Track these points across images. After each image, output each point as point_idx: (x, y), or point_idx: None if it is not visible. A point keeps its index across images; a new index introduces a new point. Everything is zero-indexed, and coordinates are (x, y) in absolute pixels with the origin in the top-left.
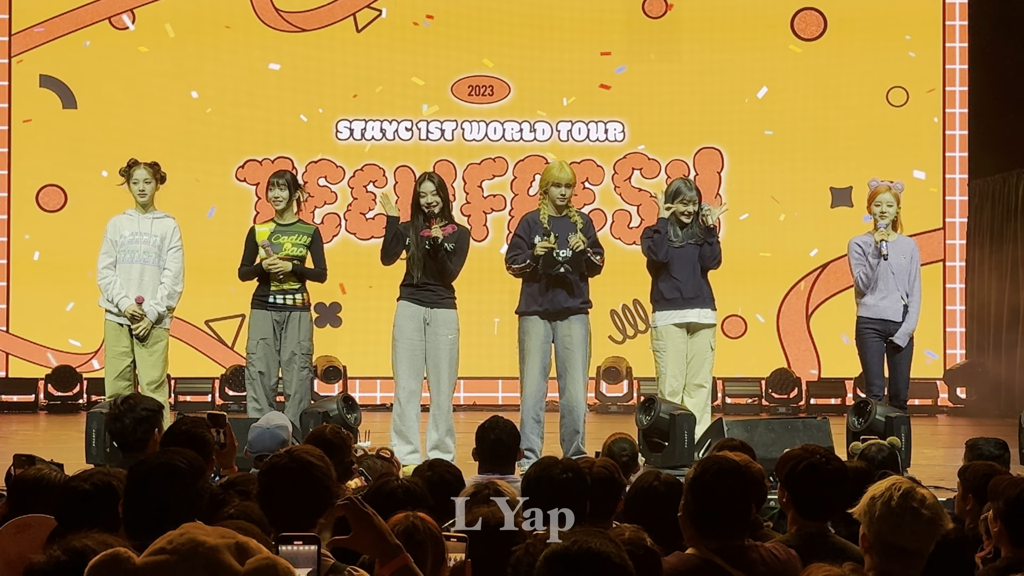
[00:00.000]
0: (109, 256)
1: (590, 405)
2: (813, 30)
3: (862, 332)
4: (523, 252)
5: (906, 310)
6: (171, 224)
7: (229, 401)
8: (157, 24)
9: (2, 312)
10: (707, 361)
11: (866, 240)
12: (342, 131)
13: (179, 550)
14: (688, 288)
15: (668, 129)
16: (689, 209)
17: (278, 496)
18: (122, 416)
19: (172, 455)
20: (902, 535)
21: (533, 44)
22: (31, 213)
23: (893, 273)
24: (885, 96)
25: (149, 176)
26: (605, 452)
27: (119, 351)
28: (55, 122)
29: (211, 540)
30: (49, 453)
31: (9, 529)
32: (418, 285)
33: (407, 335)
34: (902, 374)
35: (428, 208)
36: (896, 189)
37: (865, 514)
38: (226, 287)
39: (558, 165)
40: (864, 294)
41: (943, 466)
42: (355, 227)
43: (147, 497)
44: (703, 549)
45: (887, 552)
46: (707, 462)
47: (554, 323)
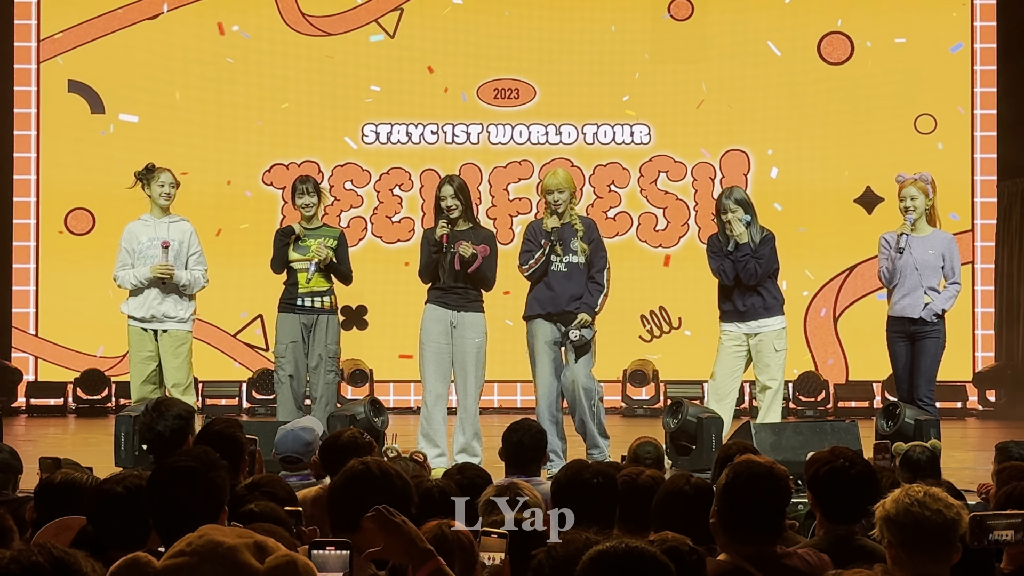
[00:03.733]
0: (125, 266)
1: (617, 408)
2: (840, 54)
3: (888, 335)
4: (533, 253)
5: (935, 295)
6: (188, 228)
7: (256, 404)
8: (184, 29)
9: (32, 316)
10: (773, 362)
11: (892, 235)
12: (368, 134)
13: (199, 551)
14: (740, 302)
15: (694, 131)
16: (737, 216)
17: (354, 501)
18: (154, 424)
19: (181, 457)
20: (924, 540)
21: (558, 47)
22: (58, 219)
23: (917, 269)
24: (913, 122)
25: (174, 180)
26: (630, 456)
27: (144, 356)
28: (83, 127)
29: (229, 540)
30: (78, 456)
31: (50, 530)
32: (445, 288)
33: (434, 338)
34: (920, 371)
35: (448, 212)
36: (923, 181)
37: (885, 522)
38: (249, 290)
39: (551, 171)
40: (890, 290)
41: (973, 469)
42: (381, 230)
43: (167, 503)
44: (735, 556)
45: (912, 558)
46: (739, 467)
47: (559, 324)
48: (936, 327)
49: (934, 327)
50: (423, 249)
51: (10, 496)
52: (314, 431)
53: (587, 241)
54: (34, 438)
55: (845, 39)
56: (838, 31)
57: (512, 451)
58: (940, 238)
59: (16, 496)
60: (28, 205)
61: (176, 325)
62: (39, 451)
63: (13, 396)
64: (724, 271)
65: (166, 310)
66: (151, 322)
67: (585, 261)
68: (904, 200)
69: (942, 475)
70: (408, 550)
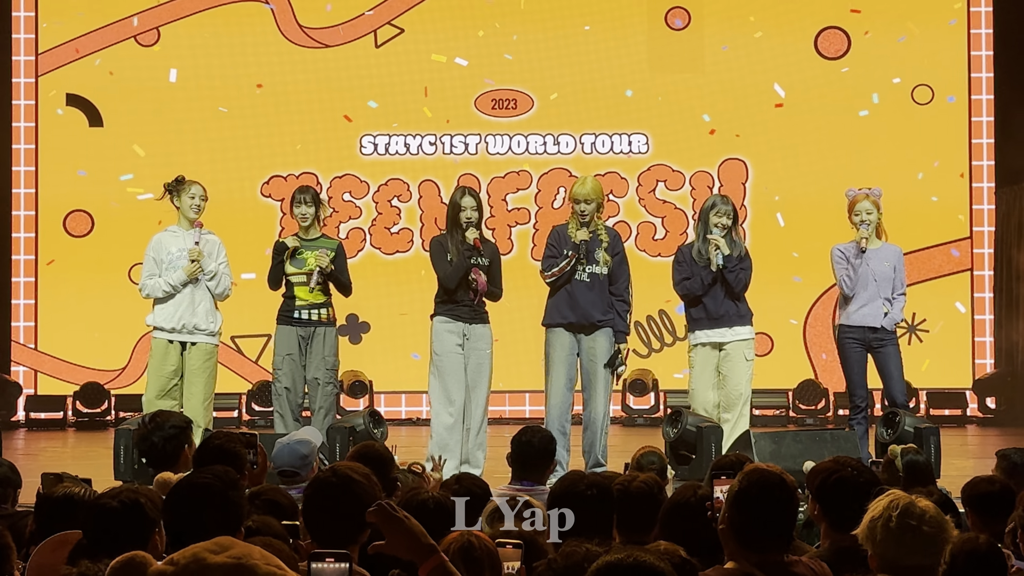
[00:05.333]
0: (152, 275)
1: (616, 418)
2: (837, 48)
3: (843, 342)
4: (557, 259)
5: (890, 306)
6: (216, 240)
7: (255, 417)
8: (181, 41)
9: (31, 330)
10: (741, 375)
11: (847, 246)
12: (366, 146)
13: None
14: (713, 308)
15: (692, 141)
16: (723, 221)
17: (322, 512)
18: (150, 435)
19: (200, 474)
20: (906, 554)
21: (556, 57)
22: (58, 231)
23: (875, 280)
24: (910, 93)
25: (204, 193)
26: (633, 465)
27: (166, 370)
28: (81, 140)
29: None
30: (77, 470)
31: (48, 545)
32: (457, 301)
33: (451, 350)
34: (893, 378)
35: (467, 223)
36: (874, 196)
37: (867, 538)
38: (252, 304)
39: (580, 180)
40: (848, 299)
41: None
42: (380, 242)
43: (184, 519)
44: (744, 564)
45: (896, 571)
46: (751, 475)
47: (579, 336)
48: (894, 335)
49: (892, 335)
50: (461, 267)
51: (9, 510)
52: (311, 443)
53: (611, 253)
54: (33, 452)
55: (842, 34)
56: (835, 26)
57: (520, 450)
58: (892, 251)
59: (15, 510)
60: (29, 219)
61: (206, 339)
62: (39, 465)
63: (13, 410)
64: (692, 286)
65: (197, 322)
66: (180, 333)
67: (607, 272)
68: (860, 214)
69: (936, 483)
70: (411, 545)
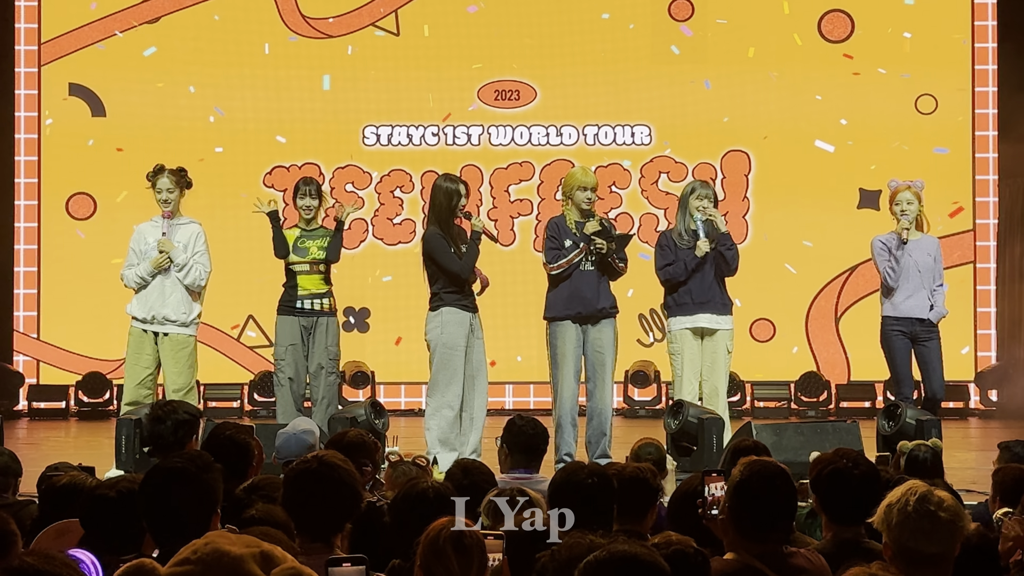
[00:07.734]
0: (131, 265)
1: (618, 409)
2: (840, 32)
3: (888, 333)
4: (561, 251)
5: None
6: (195, 229)
7: (258, 407)
8: (184, 32)
9: (33, 319)
10: (722, 365)
11: (888, 237)
12: (369, 136)
13: (204, 560)
14: (698, 292)
15: (695, 132)
16: (703, 204)
17: (305, 500)
18: (164, 418)
19: (173, 459)
20: (922, 541)
21: (559, 48)
22: (61, 221)
23: (919, 271)
24: (914, 103)
25: (172, 184)
26: (632, 457)
27: (141, 358)
28: (84, 130)
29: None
30: (79, 459)
31: (49, 533)
32: (466, 292)
33: (459, 341)
34: (935, 372)
35: (463, 211)
36: (916, 187)
37: (883, 523)
38: (255, 291)
39: (582, 170)
40: (892, 291)
41: (975, 469)
42: (382, 232)
43: (158, 505)
44: (744, 554)
45: (910, 559)
46: (753, 465)
47: (584, 327)
48: (937, 328)
49: (936, 328)
50: (474, 247)
51: (10, 499)
52: (314, 433)
53: (606, 237)
54: (35, 441)
55: (845, 17)
56: (839, 9)
57: (518, 439)
58: (932, 242)
59: (16, 499)
60: (31, 208)
61: (177, 329)
62: (41, 454)
63: (15, 399)
64: (675, 271)
65: (167, 313)
66: (152, 323)
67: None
68: (900, 203)
69: (944, 475)
70: None
